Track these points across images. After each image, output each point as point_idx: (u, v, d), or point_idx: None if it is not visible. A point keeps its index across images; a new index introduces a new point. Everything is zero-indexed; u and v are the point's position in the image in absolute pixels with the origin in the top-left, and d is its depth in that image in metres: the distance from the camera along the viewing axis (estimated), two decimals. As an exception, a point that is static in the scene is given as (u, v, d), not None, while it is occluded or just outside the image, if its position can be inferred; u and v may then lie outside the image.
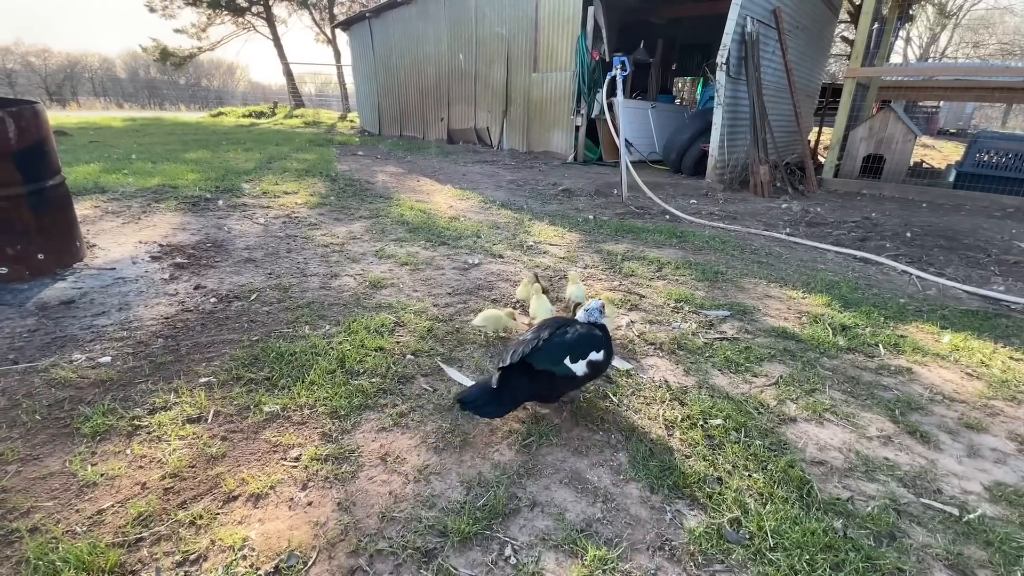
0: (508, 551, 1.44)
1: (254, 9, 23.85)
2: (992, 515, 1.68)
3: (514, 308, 2.92)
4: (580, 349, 1.93)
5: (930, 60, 34.33)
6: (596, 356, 1.97)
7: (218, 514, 1.53)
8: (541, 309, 2.68)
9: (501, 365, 1.87)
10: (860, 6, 8.76)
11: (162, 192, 5.46)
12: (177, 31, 23.81)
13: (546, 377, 1.89)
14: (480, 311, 2.73)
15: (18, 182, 3.02)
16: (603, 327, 2.11)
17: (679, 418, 2.07)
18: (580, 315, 2.14)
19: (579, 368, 1.91)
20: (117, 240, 3.95)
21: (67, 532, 1.45)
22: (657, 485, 1.71)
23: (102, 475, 1.65)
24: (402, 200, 6.01)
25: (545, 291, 2.91)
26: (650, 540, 1.51)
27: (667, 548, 1.48)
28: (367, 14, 14.95)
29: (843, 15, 14.37)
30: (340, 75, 24.70)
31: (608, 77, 6.73)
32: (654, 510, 1.62)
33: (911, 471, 1.87)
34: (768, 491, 1.69)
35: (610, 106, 8.37)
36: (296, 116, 20.38)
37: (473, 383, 2.24)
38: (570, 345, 1.92)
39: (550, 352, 1.89)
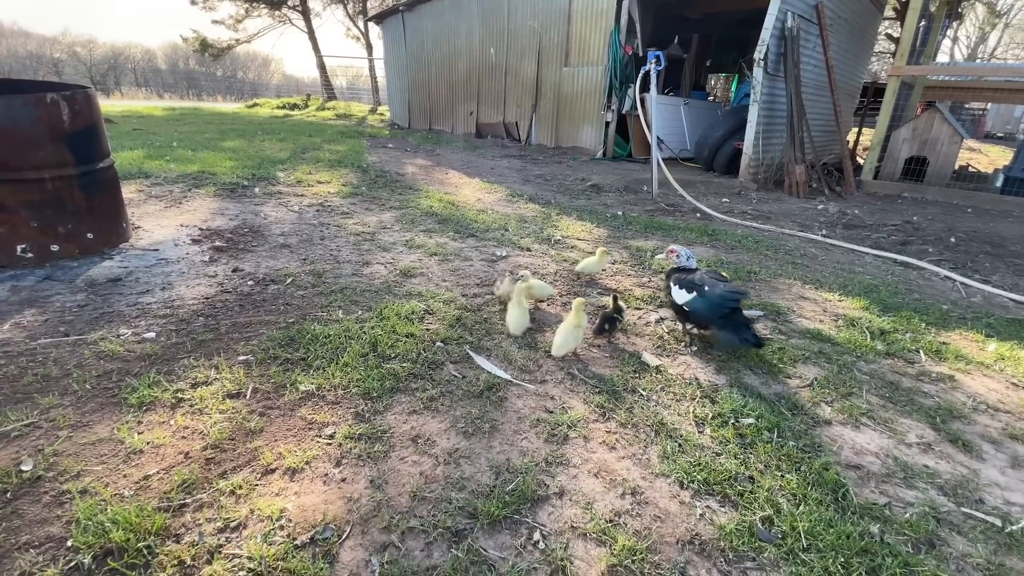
0: (537, 536, 1.46)
1: (290, 2, 24.28)
2: (1038, 528, 1.61)
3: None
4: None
5: (978, 60, 32.84)
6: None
7: (257, 485, 1.58)
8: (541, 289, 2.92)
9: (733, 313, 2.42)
10: (907, 2, 8.43)
11: (201, 178, 5.63)
12: (215, 22, 24.43)
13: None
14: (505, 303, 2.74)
15: (70, 163, 3.15)
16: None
17: (709, 415, 2.05)
18: (688, 264, 2.70)
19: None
20: (160, 223, 4.09)
21: (115, 495, 1.51)
22: (687, 480, 1.69)
23: (148, 443, 1.72)
24: (431, 192, 6.07)
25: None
26: (680, 534, 1.50)
27: (697, 543, 1.47)
28: (400, 7, 15.07)
29: (888, 11, 13.85)
30: (372, 69, 24.98)
31: (642, 71, 6.64)
32: (684, 505, 1.61)
33: (952, 480, 1.81)
34: (802, 492, 1.66)
35: (642, 101, 8.26)
36: (328, 108, 20.71)
37: (501, 371, 2.26)
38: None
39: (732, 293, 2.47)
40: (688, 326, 2.75)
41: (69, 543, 1.36)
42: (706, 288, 2.46)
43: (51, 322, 2.49)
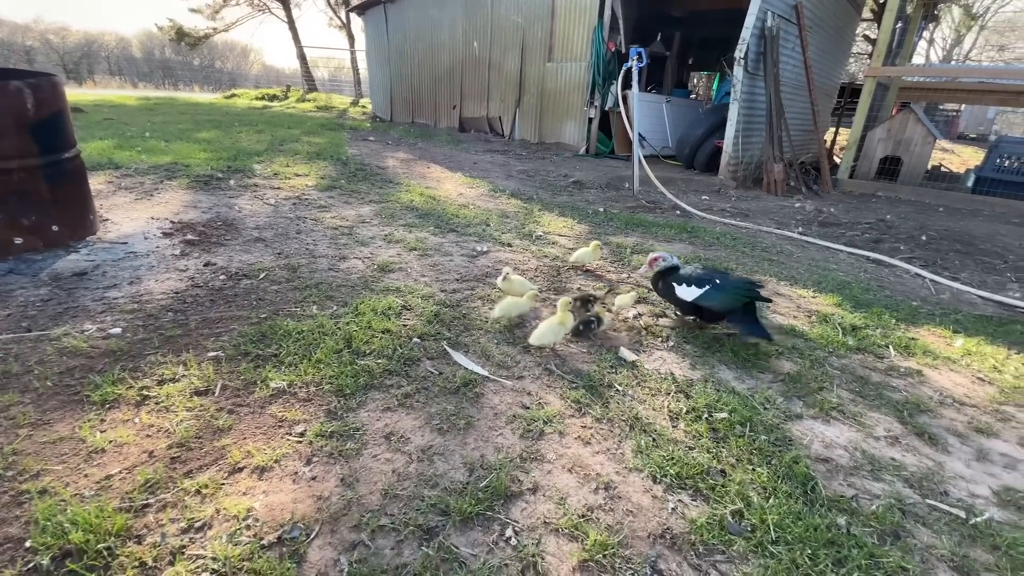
0: (509, 532, 1.45)
1: (270, -10, 23.75)
2: (1000, 519, 1.66)
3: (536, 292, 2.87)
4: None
5: (953, 62, 33.67)
6: None
7: (223, 484, 1.54)
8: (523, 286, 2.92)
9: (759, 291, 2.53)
10: (884, 4, 8.59)
11: (174, 170, 5.49)
12: (193, 11, 23.78)
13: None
14: (496, 298, 2.73)
15: (34, 153, 3.03)
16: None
17: (684, 410, 2.06)
18: (665, 265, 2.78)
19: None
20: (129, 215, 3.97)
21: (75, 495, 1.47)
22: (660, 475, 1.70)
23: (110, 442, 1.67)
24: (412, 186, 6.00)
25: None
26: (651, 528, 1.51)
27: (668, 537, 1.48)
28: (383, -2, 14.85)
29: (866, 13, 14.09)
30: (353, 60, 24.59)
31: (624, 68, 6.65)
32: (656, 499, 1.61)
33: (918, 472, 1.85)
34: (772, 485, 1.68)
35: (624, 98, 8.29)
36: (308, 100, 20.34)
37: (479, 367, 2.25)
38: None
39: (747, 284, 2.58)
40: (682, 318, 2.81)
41: (27, 544, 1.31)
42: (717, 280, 2.52)
43: (13, 317, 2.40)
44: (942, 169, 10.92)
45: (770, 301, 2.72)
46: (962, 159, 15.01)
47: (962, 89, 10.00)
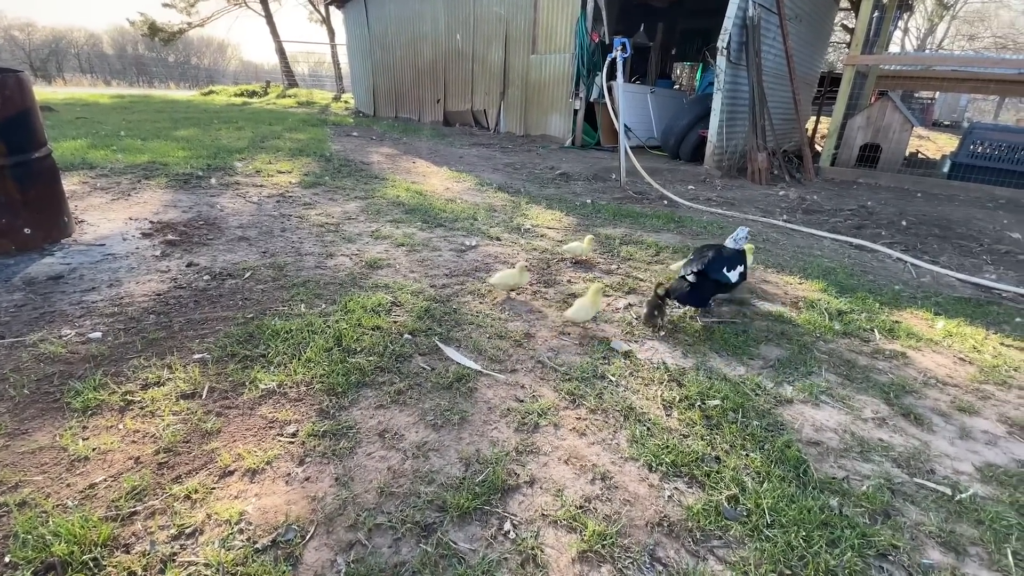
0: (507, 526, 1.44)
1: (245, -16, 23.23)
2: (983, 495, 1.70)
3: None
4: (732, 263, 2.71)
5: (927, 51, 34.23)
6: (740, 269, 2.75)
7: (213, 488, 1.51)
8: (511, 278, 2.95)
9: (691, 272, 2.60)
10: (862, -8, 8.66)
11: (152, 169, 5.35)
12: (166, 5, 23.14)
13: (712, 282, 2.63)
14: (485, 284, 2.70)
15: (2, 153, 2.93)
16: (742, 252, 2.87)
17: (677, 399, 2.07)
18: (729, 242, 2.87)
19: (733, 276, 2.68)
20: (106, 216, 3.87)
21: (58, 506, 1.42)
22: (655, 463, 1.71)
23: (94, 449, 1.62)
24: (397, 181, 5.94)
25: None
26: (649, 517, 1.51)
27: (666, 524, 1.49)
28: (362, -9, 14.60)
29: (844, 3, 14.24)
30: (334, 54, 24.20)
31: (608, 59, 6.63)
32: (652, 488, 1.62)
33: (905, 452, 1.89)
34: (765, 470, 1.70)
35: (609, 89, 8.27)
36: (289, 96, 19.95)
37: (471, 361, 2.23)
38: (727, 260, 2.70)
39: (717, 264, 2.65)
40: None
41: (7, 559, 1.27)
42: (711, 254, 2.72)
43: (-15, 324, 2.32)
44: (919, 156, 11.11)
45: (703, 289, 2.66)
46: (937, 145, 15.29)
47: (936, 77, 10.16)
